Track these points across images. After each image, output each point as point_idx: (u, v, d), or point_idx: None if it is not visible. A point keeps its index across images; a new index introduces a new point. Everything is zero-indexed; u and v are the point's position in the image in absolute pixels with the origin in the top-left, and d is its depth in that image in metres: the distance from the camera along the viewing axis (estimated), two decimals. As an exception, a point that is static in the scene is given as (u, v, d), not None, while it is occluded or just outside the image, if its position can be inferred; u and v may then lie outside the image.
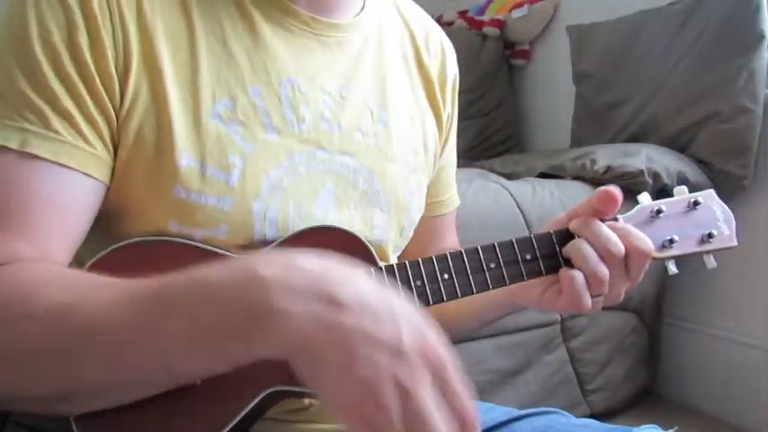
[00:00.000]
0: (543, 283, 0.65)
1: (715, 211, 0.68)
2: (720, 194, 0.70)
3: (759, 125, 1.55)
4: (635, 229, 0.64)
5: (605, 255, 0.61)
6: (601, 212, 0.63)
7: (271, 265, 0.44)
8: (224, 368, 0.46)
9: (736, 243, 0.68)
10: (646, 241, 0.63)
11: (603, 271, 0.61)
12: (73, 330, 0.46)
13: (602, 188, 0.62)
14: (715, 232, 0.67)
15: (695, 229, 0.67)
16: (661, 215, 0.67)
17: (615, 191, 0.62)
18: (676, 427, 0.67)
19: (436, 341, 0.43)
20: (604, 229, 0.62)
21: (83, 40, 0.54)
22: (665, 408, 1.73)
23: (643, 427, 0.65)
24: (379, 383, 0.40)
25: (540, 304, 0.66)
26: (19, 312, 0.47)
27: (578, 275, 0.61)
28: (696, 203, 0.68)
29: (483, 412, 0.72)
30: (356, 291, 0.43)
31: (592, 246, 0.61)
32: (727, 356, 1.67)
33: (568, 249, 0.63)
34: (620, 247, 0.61)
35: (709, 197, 0.69)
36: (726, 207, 0.69)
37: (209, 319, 0.44)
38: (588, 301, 0.62)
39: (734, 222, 0.69)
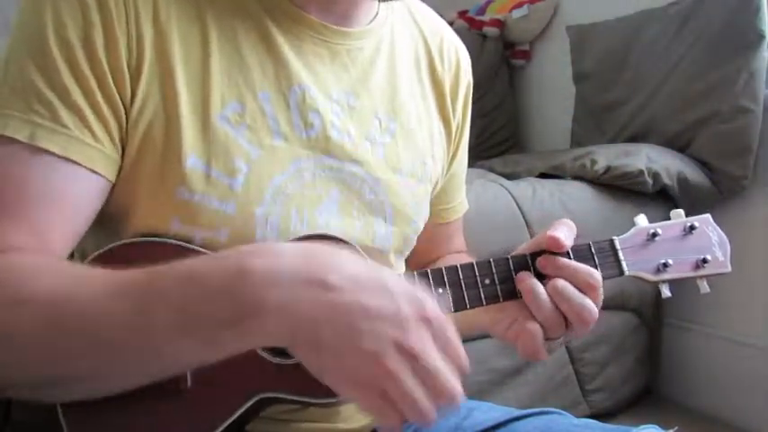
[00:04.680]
0: (509, 317, 0.64)
1: (711, 236, 0.69)
2: (720, 194, 0.70)
3: (759, 125, 1.55)
4: (580, 266, 0.61)
5: (544, 322, 0.60)
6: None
7: (257, 256, 0.45)
8: (216, 357, 0.47)
9: (729, 269, 0.68)
10: (593, 275, 0.61)
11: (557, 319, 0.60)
12: (63, 319, 0.47)
13: (550, 235, 0.61)
14: (710, 257, 0.67)
15: (690, 254, 0.68)
16: (657, 239, 0.67)
17: (562, 240, 0.61)
18: (676, 427, 0.66)
19: (430, 302, 0.46)
20: (545, 301, 0.60)
21: (98, 36, 0.54)
22: (665, 408, 1.73)
23: (643, 427, 0.65)
24: (386, 354, 0.43)
25: (504, 337, 0.65)
26: (12, 298, 0.48)
27: (537, 330, 0.60)
28: (692, 228, 0.68)
29: (483, 412, 0.72)
30: (345, 270, 0.45)
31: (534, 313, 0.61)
32: (727, 356, 1.67)
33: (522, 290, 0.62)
34: (561, 319, 0.60)
35: (705, 222, 0.69)
36: (721, 232, 0.69)
37: (198, 312, 0.45)
38: (543, 354, 0.61)
39: (729, 248, 0.69)
